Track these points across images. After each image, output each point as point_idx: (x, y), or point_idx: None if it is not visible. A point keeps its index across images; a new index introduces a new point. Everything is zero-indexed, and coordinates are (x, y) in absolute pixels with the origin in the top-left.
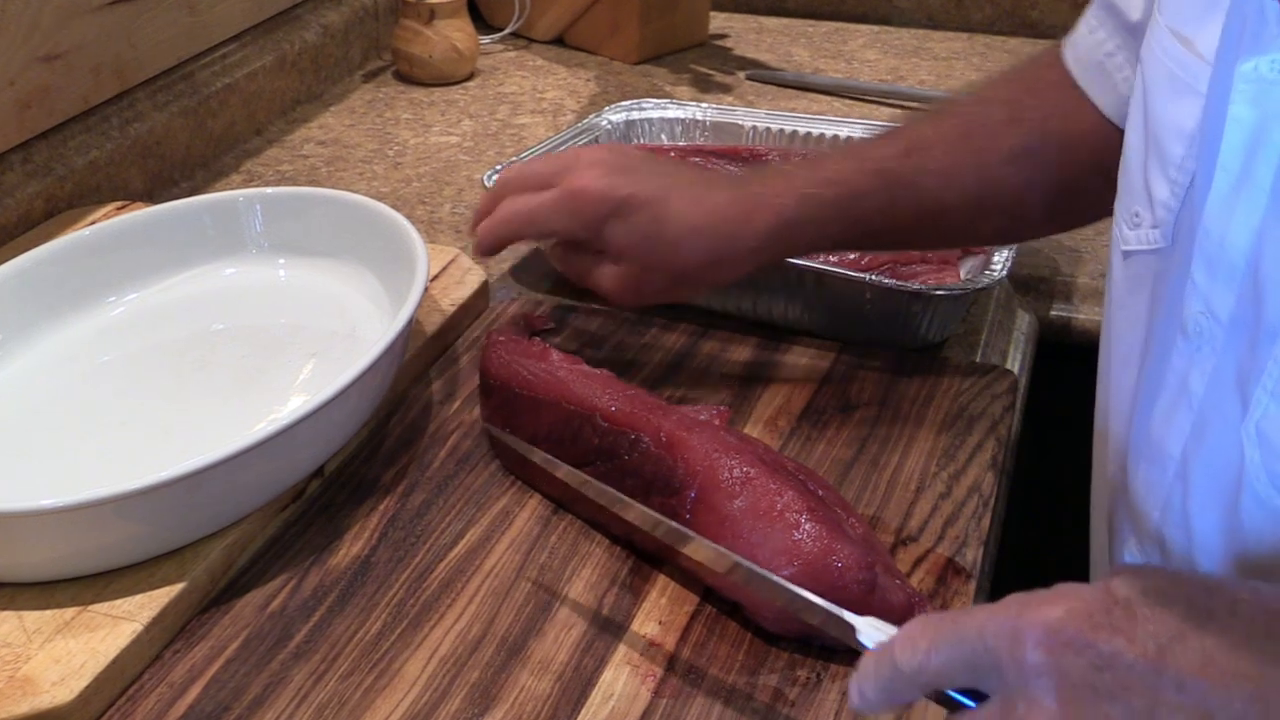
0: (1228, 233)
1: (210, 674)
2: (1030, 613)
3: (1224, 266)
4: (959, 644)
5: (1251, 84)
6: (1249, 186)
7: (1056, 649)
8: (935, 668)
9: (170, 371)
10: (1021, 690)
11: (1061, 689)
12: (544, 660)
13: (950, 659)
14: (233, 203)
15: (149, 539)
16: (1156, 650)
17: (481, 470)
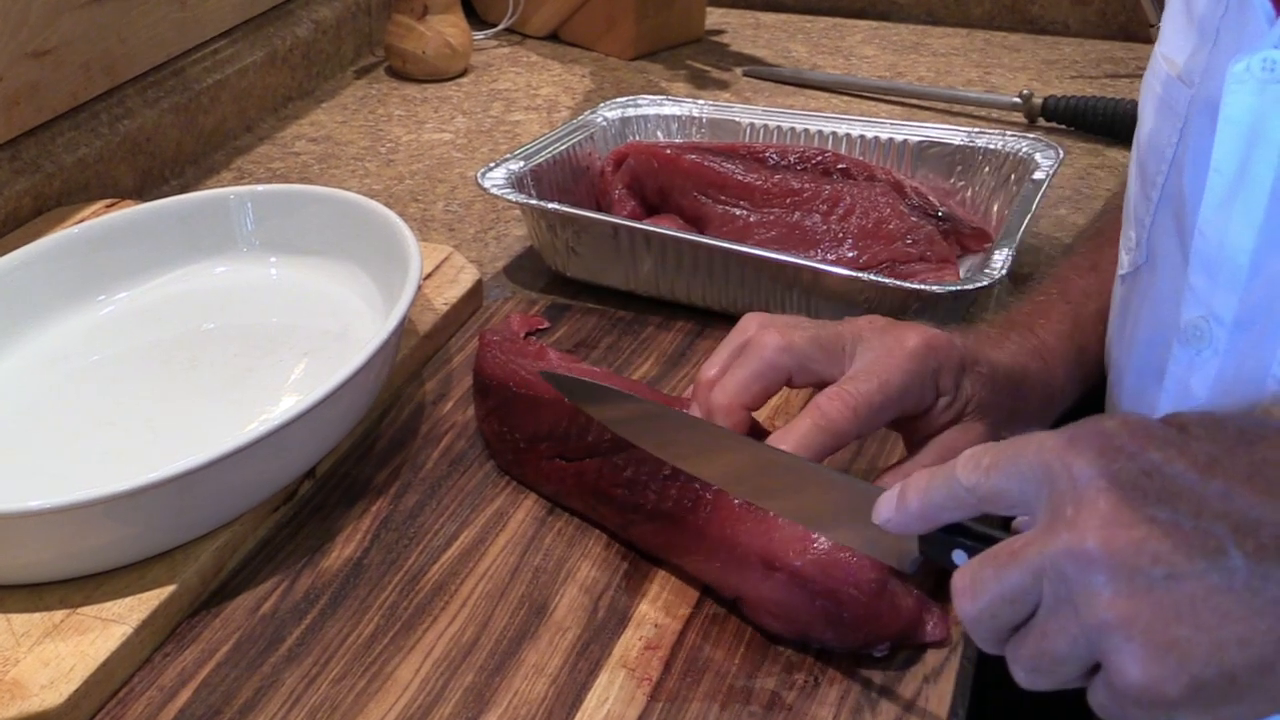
0: (1226, 235)
1: (201, 677)
2: (1087, 425)
3: (1225, 268)
4: (1018, 460)
5: (1244, 83)
6: (1247, 185)
7: (1109, 453)
8: (991, 485)
9: (160, 371)
10: (1072, 493)
11: (1111, 491)
12: (538, 664)
13: (1008, 475)
14: (223, 200)
15: (139, 541)
16: (1207, 461)
17: (475, 471)
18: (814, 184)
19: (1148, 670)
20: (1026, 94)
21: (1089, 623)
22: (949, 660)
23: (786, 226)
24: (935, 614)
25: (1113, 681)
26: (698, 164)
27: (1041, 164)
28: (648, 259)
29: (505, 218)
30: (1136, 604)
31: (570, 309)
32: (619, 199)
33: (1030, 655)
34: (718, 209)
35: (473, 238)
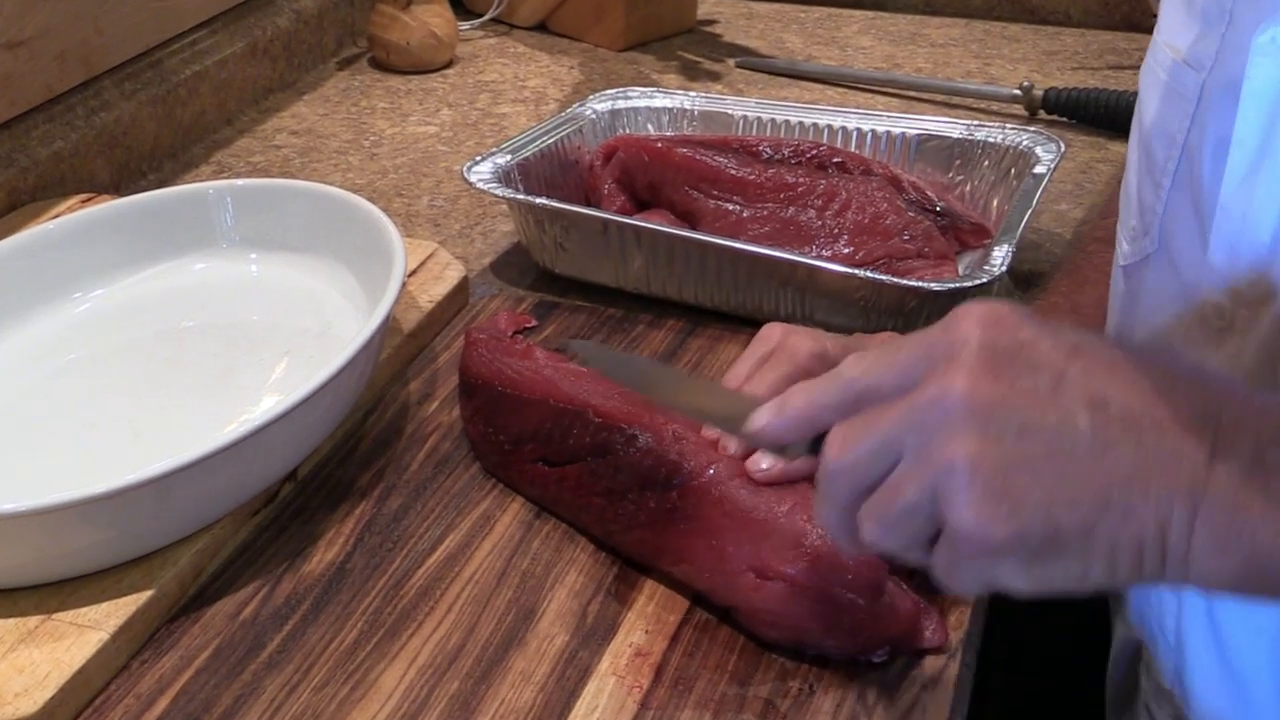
0: (1250, 209)
1: (179, 685)
2: (967, 307)
3: (1248, 244)
4: (900, 348)
5: (1268, 55)
6: (1270, 158)
7: (987, 324)
8: (874, 375)
9: (138, 370)
10: (946, 354)
11: (982, 353)
12: (526, 671)
13: (891, 364)
14: (203, 195)
15: (116, 544)
16: (1073, 347)
17: (461, 473)
18: (809, 178)
19: (980, 511)
20: (1027, 85)
21: (938, 463)
22: (947, 667)
23: (781, 222)
24: (934, 618)
25: (948, 525)
26: (689, 158)
27: (1042, 158)
28: (638, 255)
29: (492, 213)
30: (984, 449)
31: (559, 307)
32: (609, 194)
33: (881, 506)
34: (710, 204)
35: (458, 233)
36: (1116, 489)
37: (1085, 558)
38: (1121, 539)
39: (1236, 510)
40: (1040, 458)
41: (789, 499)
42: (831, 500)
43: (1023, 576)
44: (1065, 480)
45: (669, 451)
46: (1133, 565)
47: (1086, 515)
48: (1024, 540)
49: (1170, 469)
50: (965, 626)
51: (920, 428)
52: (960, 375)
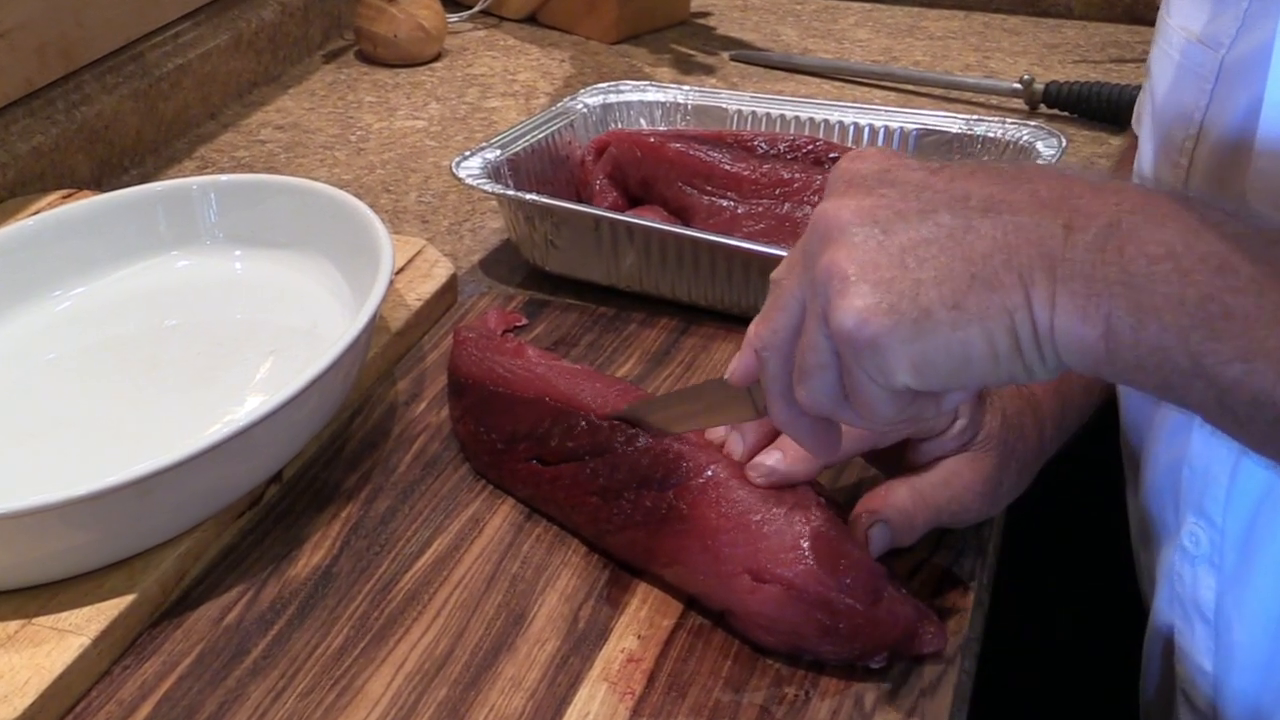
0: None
1: (162, 691)
2: None
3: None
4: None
5: None
6: None
7: (853, 157)
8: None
9: (119, 370)
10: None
11: (855, 177)
12: (516, 677)
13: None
14: (186, 191)
15: (97, 548)
16: (936, 166)
17: (450, 474)
18: (805, 174)
19: (857, 304)
20: (1027, 79)
21: (820, 279)
22: (946, 673)
23: (776, 218)
24: (933, 624)
25: (833, 330)
26: (683, 153)
27: (1043, 153)
28: (630, 252)
29: (481, 209)
30: (854, 252)
31: (549, 305)
32: (600, 189)
33: (799, 359)
34: (704, 200)
35: (447, 230)
36: (980, 263)
37: (961, 332)
38: (990, 309)
39: (1093, 275)
40: (906, 248)
41: (787, 500)
42: (772, 385)
43: (906, 362)
44: (930, 263)
45: (668, 451)
46: (1009, 340)
47: (954, 288)
48: (898, 321)
49: (1029, 241)
50: (965, 632)
51: (808, 264)
52: (829, 199)
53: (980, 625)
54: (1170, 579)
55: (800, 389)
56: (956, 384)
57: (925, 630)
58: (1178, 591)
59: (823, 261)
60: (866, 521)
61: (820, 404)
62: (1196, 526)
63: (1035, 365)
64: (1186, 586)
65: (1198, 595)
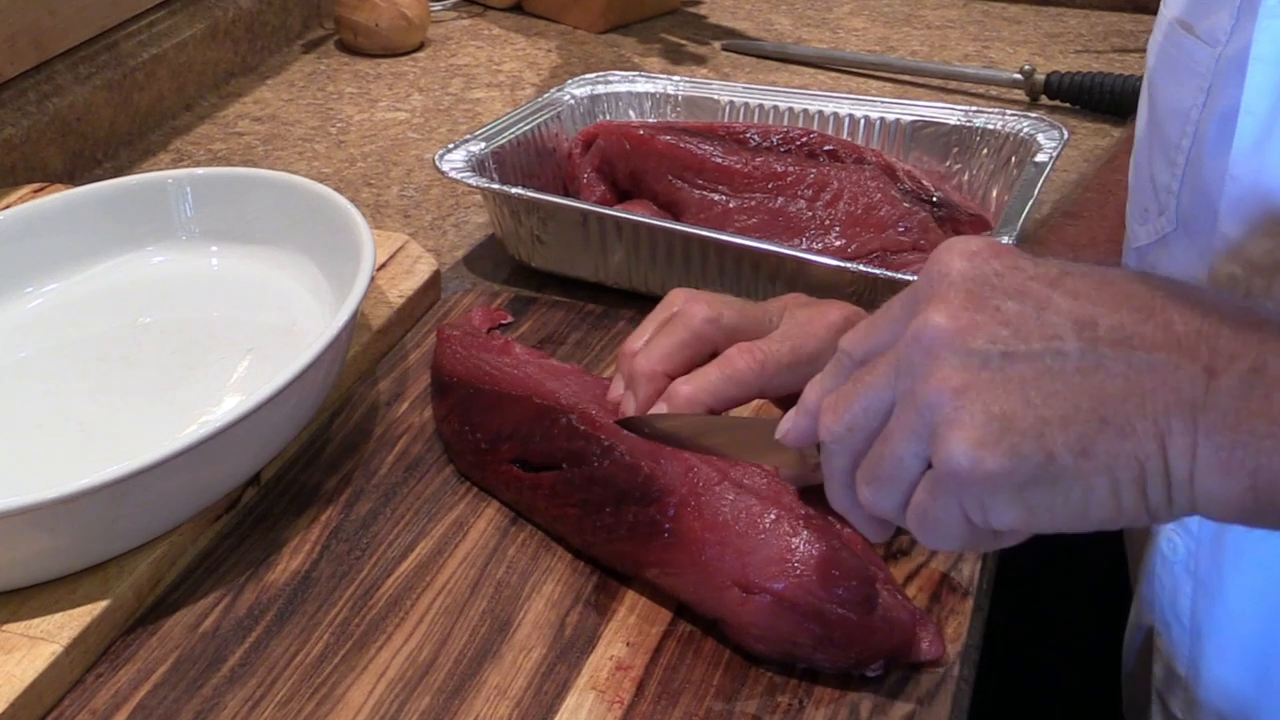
0: (1260, 178)
1: (136, 700)
2: (955, 240)
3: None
4: (890, 306)
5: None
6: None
7: (969, 255)
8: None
9: (93, 369)
10: (929, 288)
11: (963, 284)
12: (501, 685)
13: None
14: (161, 185)
15: (69, 552)
16: (1058, 274)
17: (433, 477)
18: (799, 167)
19: (970, 438)
20: (1028, 70)
21: (923, 400)
22: (945, 681)
23: (769, 213)
24: (930, 631)
25: (939, 464)
26: (673, 145)
27: (1044, 145)
28: (619, 248)
29: (465, 203)
30: (971, 377)
31: (535, 302)
32: (588, 183)
33: (873, 461)
34: (695, 194)
35: (430, 225)
36: (1111, 405)
37: (1084, 481)
38: (1120, 458)
39: (1239, 425)
40: (1028, 380)
41: (773, 510)
42: (834, 473)
43: (1019, 507)
44: (1056, 399)
45: (643, 466)
46: (1136, 490)
47: (1082, 433)
48: (1018, 464)
49: (1167, 384)
50: (963, 639)
51: (905, 371)
52: (940, 309)
53: (979, 632)
54: (1151, 582)
55: (866, 490)
56: (1064, 529)
57: (922, 637)
58: (1157, 594)
59: (929, 385)
60: None
61: (883, 510)
62: (1174, 534)
63: (1161, 513)
64: (1165, 591)
65: (1176, 601)
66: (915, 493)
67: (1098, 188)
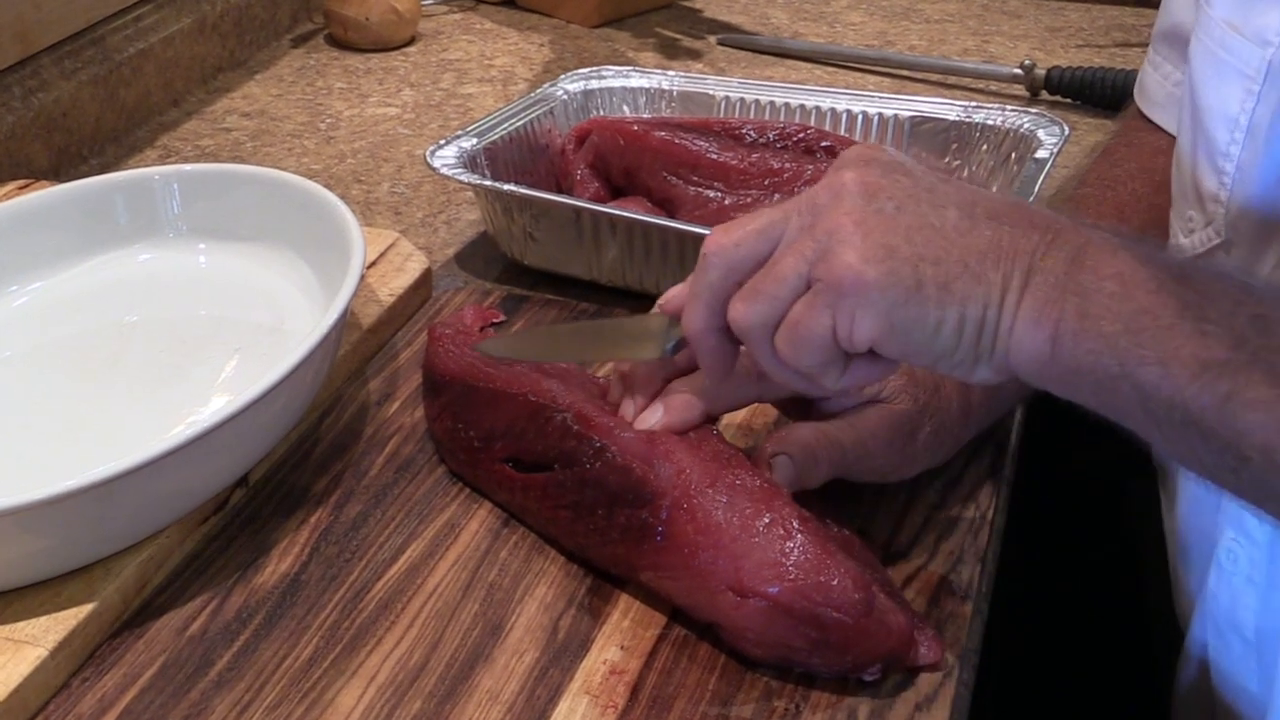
0: None
1: (123, 705)
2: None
3: None
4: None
5: None
6: None
7: (874, 147)
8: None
9: (79, 368)
10: (827, 185)
11: (871, 161)
12: (493, 690)
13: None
14: (148, 182)
15: (54, 554)
16: (948, 176)
17: (424, 478)
18: (795, 163)
19: (859, 253)
20: (1028, 64)
21: (824, 228)
22: (943, 685)
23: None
24: (928, 634)
25: (828, 269)
26: (668, 141)
27: (1045, 141)
28: (613, 246)
29: (457, 200)
30: (868, 217)
31: (528, 300)
32: (581, 180)
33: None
34: (690, 191)
35: (421, 222)
36: (973, 257)
37: (940, 311)
38: (972, 299)
39: (1054, 285)
40: (913, 228)
41: (767, 513)
42: (703, 289)
43: (883, 321)
44: (932, 246)
45: (635, 467)
46: (975, 330)
47: (948, 272)
48: (893, 282)
49: (1018, 250)
50: (962, 642)
51: (808, 210)
52: (848, 171)
53: (978, 635)
54: (1206, 597)
55: (740, 304)
56: (904, 356)
57: (921, 641)
58: (1212, 610)
59: (832, 216)
60: (769, 453)
61: (751, 327)
62: (1234, 543)
63: (984, 359)
64: (1223, 605)
65: (1235, 615)
66: (794, 308)
67: (1095, 182)
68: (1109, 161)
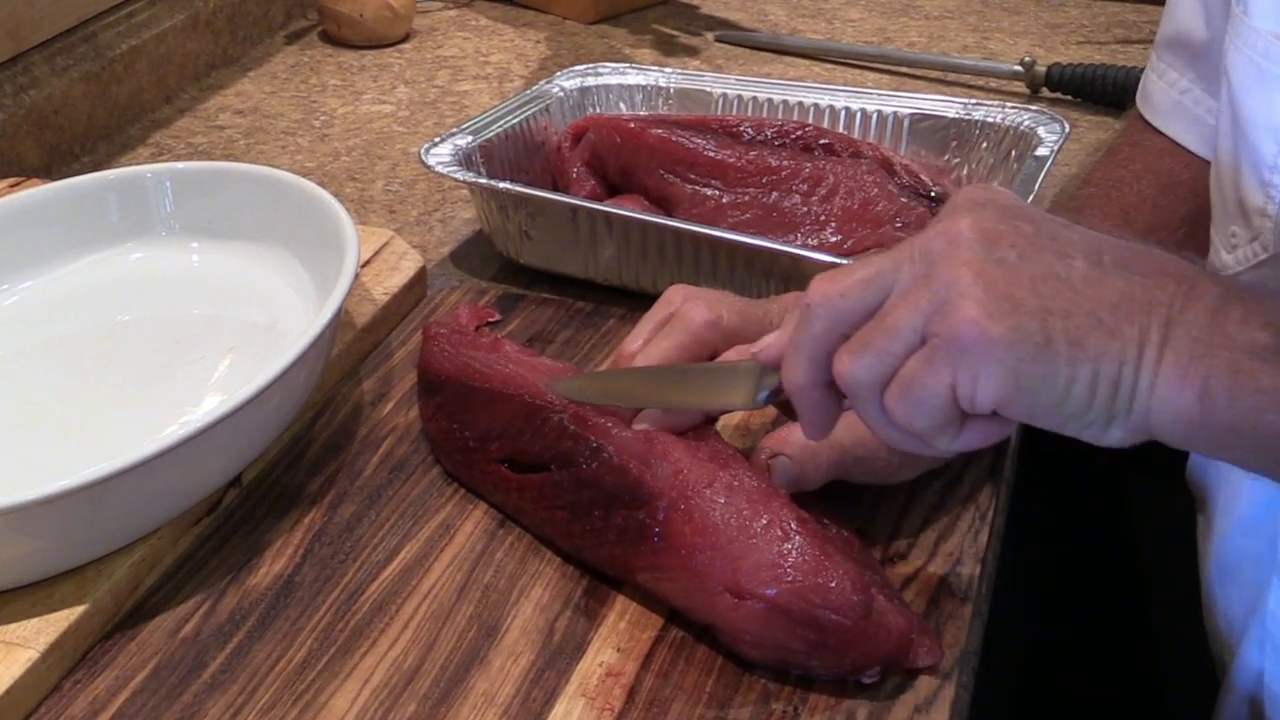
0: None
1: (115, 707)
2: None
3: None
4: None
5: None
6: None
7: (986, 189)
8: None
9: (70, 368)
10: (941, 232)
11: (986, 206)
12: (488, 693)
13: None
14: (140, 180)
15: (46, 556)
16: (1071, 222)
17: (419, 478)
18: (793, 161)
19: (982, 307)
20: (1028, 61)
21: (940, 280)
22: (943, 687)
23: (763, 208)
24: (927, 636)
25: (948, 324)
26: (665, 139)
27: (1045, 139)
28: (609, 244)
29: (452, 198)
30: (989, 267)
31: (524, 299)
32: (578, 178)
33: (866, 332)
34: (687, 189)
35: (416, 220)
36: (1105, 310)
37: (1072, 369)
38: (1106, 355)
39: (1200, 340)
40: (1038, 279)
41: (764, 514)
42: (805, 341)
43: (1009, 381)
44: (1060, 298)
45: (632, 467)
46: (1110, 389)
47: (1079, 326)
48: (1020, 338)
49: (1152, 299)
50: (962, 644)
51: (923, 258)
52: (964, 219)
53: (978, 637)
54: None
55: (848, 358)
56: (1031, 418)
57: (920, 643)
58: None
59: (949, 265)
60: (768, 454)
61: (859, 383)
62: None
63: (1119, 419)
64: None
65: None
66: (907, 363)
67: (1100, 182)
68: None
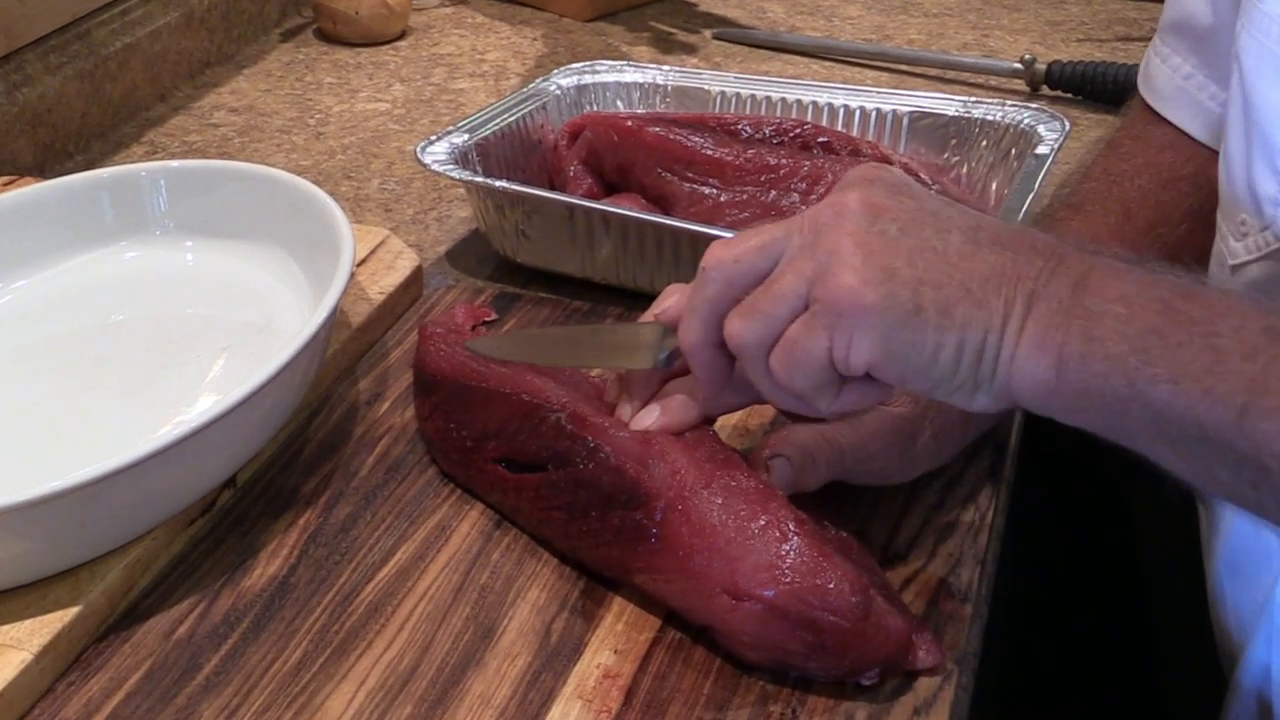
0: None
1: (109, 709)
2: None
3: None
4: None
5: None
6: None
7: (879, 167)
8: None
9: (63, 368)
10: (830, 204)
11: (876, 182)
12: (485, 695)
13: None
14: (134, 178)
15: (40, 557)
16: (953, 201)
17: (415, 479)
18: (792, 159)
19: (859, 275)
20: (1028, 59)
21: (825, 248)
22: (943, 689)
23: (761, 207)
24: (927, 638)
25: (827, 290)
26: (662, 137)
27: (1045, 137)
28: (606, 243)
29: (448, 197)
30: (869, 239)
31: (520, 299)
32: (574, 176)
33: (755, 297)
34: (684, 187)
35: (411, 219)
36: (975, 282)
37: (940, 336)
38: (973, 324)
39: (1058, 311)
40: (915, 251)
41: (762, 515)
42: (700, 303)
43: (881, 345)
44: (934, 270)
45: (629, 468)
46: (974, 356)
47: (949, 296)
48: (892, 305)
49: (1020, 273)
50: (962, 645)
51: (811, 227)
52: (852, 193)
53: (978, 638)
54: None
55: (737, 321)
56: (902, 381)
57: (919, 644)
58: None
59: (833, 235)
60: (767, 455)
61: (746, 344)
62: None
63: (983, 385)
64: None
65: None
66: (790, 327)
67: (1100, 176)
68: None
